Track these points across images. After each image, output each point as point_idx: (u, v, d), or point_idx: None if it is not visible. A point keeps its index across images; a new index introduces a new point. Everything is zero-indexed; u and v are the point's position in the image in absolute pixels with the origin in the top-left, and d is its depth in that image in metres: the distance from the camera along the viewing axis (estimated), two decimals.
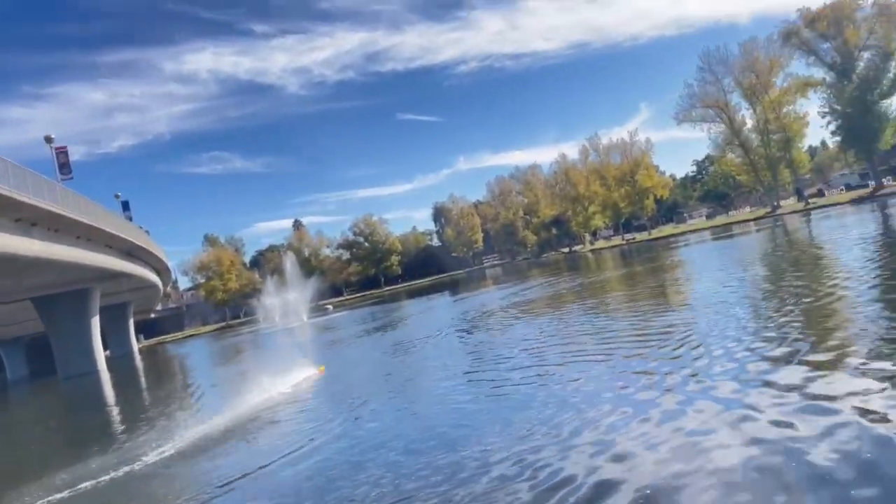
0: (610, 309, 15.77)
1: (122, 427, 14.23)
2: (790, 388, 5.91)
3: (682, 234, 68.16)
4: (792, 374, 6.34)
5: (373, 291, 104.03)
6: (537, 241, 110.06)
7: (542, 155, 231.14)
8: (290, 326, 46.59)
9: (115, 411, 19.11)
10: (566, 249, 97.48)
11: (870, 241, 19.21)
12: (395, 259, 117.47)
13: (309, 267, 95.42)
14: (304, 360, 15.25)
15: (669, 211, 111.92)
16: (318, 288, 64.76)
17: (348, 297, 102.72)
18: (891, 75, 56.85)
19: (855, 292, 10.33)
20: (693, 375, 7.18)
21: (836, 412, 5.05)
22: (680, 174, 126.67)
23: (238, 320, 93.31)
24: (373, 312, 43.43)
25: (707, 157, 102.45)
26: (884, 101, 58.09)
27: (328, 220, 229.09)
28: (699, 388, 6.65)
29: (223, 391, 17.00)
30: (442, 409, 8.66)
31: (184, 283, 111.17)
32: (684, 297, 15.62)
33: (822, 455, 4.30)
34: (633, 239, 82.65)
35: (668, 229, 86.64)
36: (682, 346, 9.01)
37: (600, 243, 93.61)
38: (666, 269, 25.60)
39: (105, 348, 44.19)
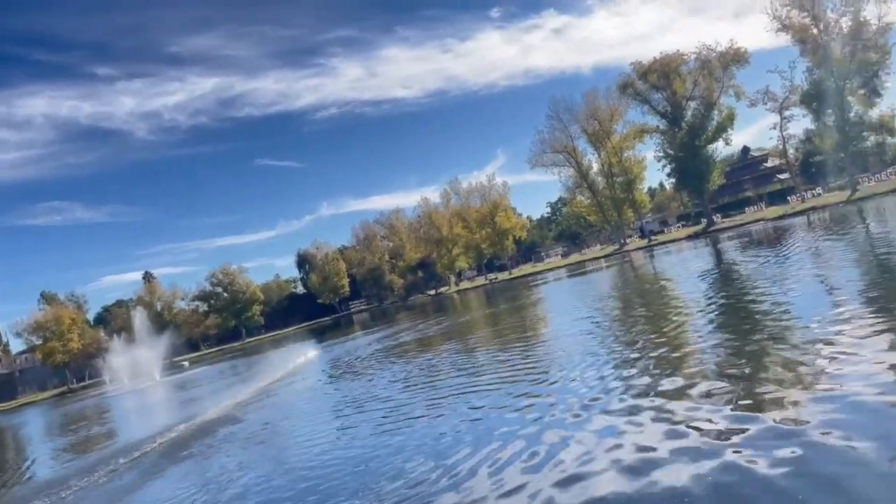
0: (477, 348, 15.89)
1: None
2: (651, 416, 6.11)
3: (541, 272, 71.09)
4: (651, 402, 6.57)
5: (233, 344, 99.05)
6: (404, 284, 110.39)
7: (406, 199, 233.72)
8: (140, 387, 43.12)
9: None
10: (433, 291, 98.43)
11: (705, 273, 20.88)
12: (256, 309, 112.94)
13: (162, 321, 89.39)
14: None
15: (528, 250, 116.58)
16: (172, 344, 60.76)
17: (206, 351, 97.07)
18: (714, 123, 63.17)
19: (697, 320, 11.06)
20: (562, 407, 7.26)
21: (686, 435, 5.26)
22: (536, 215, 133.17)
23: (82, 383, 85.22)
24: (234, 366, 41.26)
25: (560, 198, 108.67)
26: (709, 145, 64.34)
27: (184, 270, 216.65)
28: (570, 420, 6.71)
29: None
30: (317, 461, 8.17)
31: (17, 345, 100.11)
32: (547, 332, 16.08)
33: (682, 477, 4.43)
34: (496, 279, 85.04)
35: (527, 268, 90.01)
36: (548, 380, 9.16)
37: (465, 284, 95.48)
38: (528, 306, 26.39)
39: None
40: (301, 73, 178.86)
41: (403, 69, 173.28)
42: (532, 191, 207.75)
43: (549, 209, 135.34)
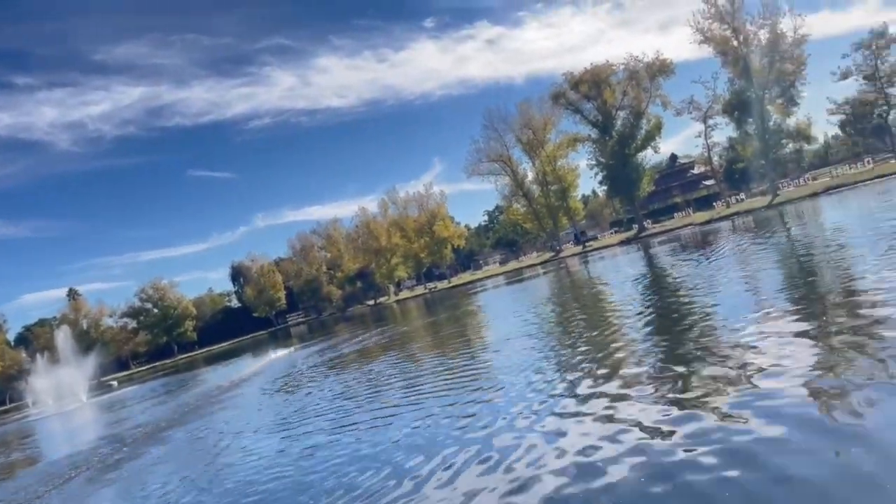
0: (420, 358, 15.76)
1: None
2: (594, 417, 6.15)
3: (480, 280, 71.57)
4: (594, 404, 6.61)
5: (165, 362, 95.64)
6: (343, 295, 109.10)
7: (343, 209, 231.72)
8: (66, 409, 41.05)
9: None
10: (372, 302, 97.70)
11: (639, 278, 21.39)
12: (189, 324, 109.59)
13: (88, 340, 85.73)
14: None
15: (466, 259, 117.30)
16: (99, 363, 58.17)
17: (137, 369, 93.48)
18: (643, 131, 65.17)
19: (632, 324, 11.25)
20: (510, 412, 7.21)
21: (628, 433, 5.30)
22: (474, 224, 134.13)
23: (3, 407, 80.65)
24: (166, 384, 39.78)
25: (496, 207, 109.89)
26: (639, 153, 66.36)
27: (111, 286, 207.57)
28: (519, 424, 6.66)
29: None
30: (259, 476, 7.85)
31: None
32: (489, 339, 16.10)
33: (628, 473, 4.45)
34: (435, 287, 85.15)
35: (466, 276, 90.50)
36: (493, 386, 9.10)
37: (405, 293, 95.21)
38: (469, 314, 26.45)
39: None
40: (233, 81, 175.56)
41: (338, 78, 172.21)
42: (469, 199, 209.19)
43: (486, 217, 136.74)
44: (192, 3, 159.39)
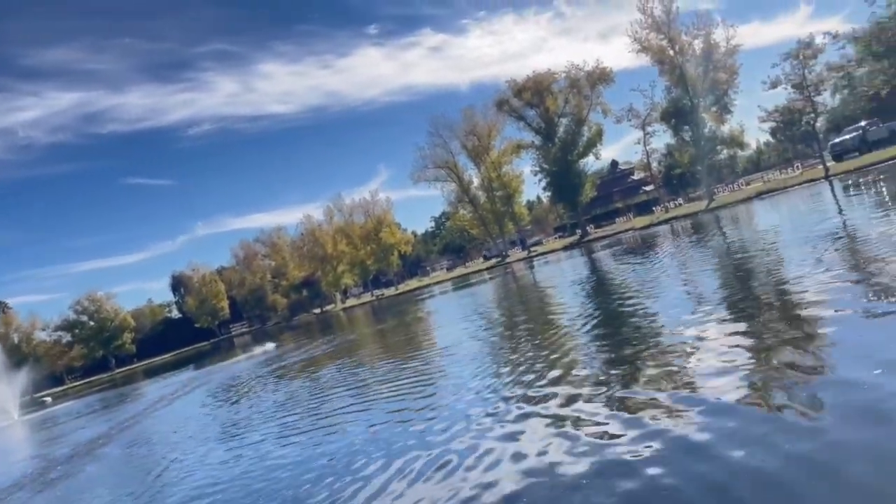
0: (369, 365, 15.61)
1: None
2: (545, 422, 6.18)
3: (427, 286, 71.61)
4: (543, 408, 6.65)
5: (101, 376, 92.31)
6: (288, 303, 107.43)
7: (288, 216, 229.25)
8: None
9: None
10: (318, 310, 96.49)
11: (582, 281, 21.78)
12: (127, 337, 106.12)
13: (20, 355, 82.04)
14: None
15: (414, 265, 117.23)
16: (32, 378, 55.75)
17: (72, 384, 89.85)
18: (584, 138, 66.47)
19: (577, 327, 11.43)
20: (462, 418, 7.20)
21: (577, 437, 5.37)
22: (420, 230, 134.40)
23: None
24: (103, 398, 38.36)
25: (443, 213, 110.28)
26: (581, 160, 67.61)
27: (45, 298, 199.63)
28: (472, 429, 6.66)
29: None
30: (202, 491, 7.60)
31: None
32: (438, 346, 16.09)
33: (579, 475, 4.50)
34: (383, 295, 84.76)
35: (413, 283, 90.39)
36: (443, 391, 9.10)
37: (351, 301, 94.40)
38: (417, 321, 26.39)
39: None
40: (172, 87, 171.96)
41: (281, 84, 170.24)
42: (416, 205, 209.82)
43: (433, 223, 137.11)
44: (129, 7, 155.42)
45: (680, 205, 64.89)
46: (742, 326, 7.73)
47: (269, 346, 35.41)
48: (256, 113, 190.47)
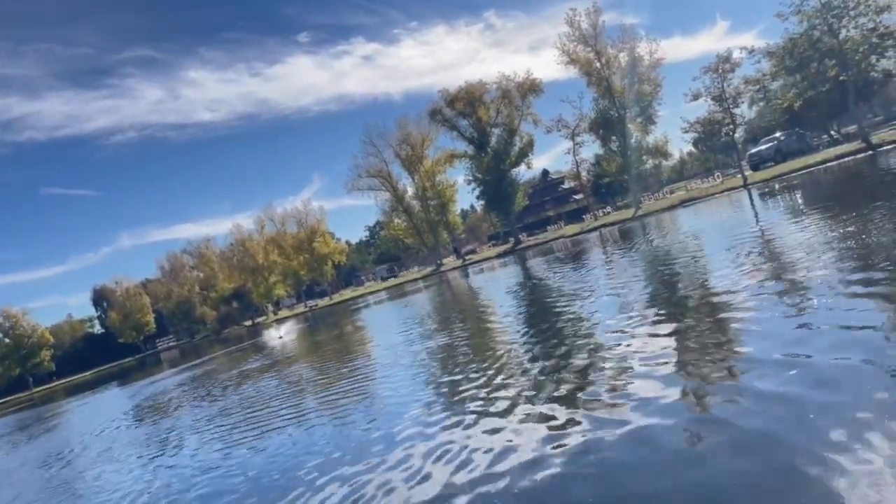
0: (303, 377, 15.31)
1: None
2: (488, 427, 6.18)
3: (362, 296, 71.02)
4: (484, 410, 6.66)
5: (19, 395, 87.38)
6: (217, 316, 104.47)
7: (217, 227, 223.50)
8: None
9: None
10: (249, 322, 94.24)
11: (516, 288, 22.03)
12: (46, 354, 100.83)
13: None
14: None
15: (348, 275, 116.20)
16: None
17: None
18: (516, 148, 67.64)
19: (512, 332, 11.54)
20: (403, 426, 7.13)
21: (519, 440, 5.40)
22: (355, 239, 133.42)
23: None
24: (21, 419, 36.30)
25: (378, 222, 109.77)
26: (513, 169, 68.73)
27: None
28: (415, 438, 6.60)
29: None
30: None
31: None
32: (373, 354, 15.94)
33: (524, 477, 4.54)
34: (316, 305, 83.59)
35: (348, 293, 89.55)
36: (383, 401, 8.99)
37: (284, 312, 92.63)
38: (351, 332, 26.08)
39: None
40: (92, 94, 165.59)
41: (209, 92, 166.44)
42: (350, 215, 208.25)
43: (367, 233, 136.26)
44: (45, 11, 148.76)
45: (609, 213, 66.66)
46: (669, 328, 7.98)
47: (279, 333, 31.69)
48: (183, 121, 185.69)
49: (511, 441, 5.58)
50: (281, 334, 12.32)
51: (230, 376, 21.31)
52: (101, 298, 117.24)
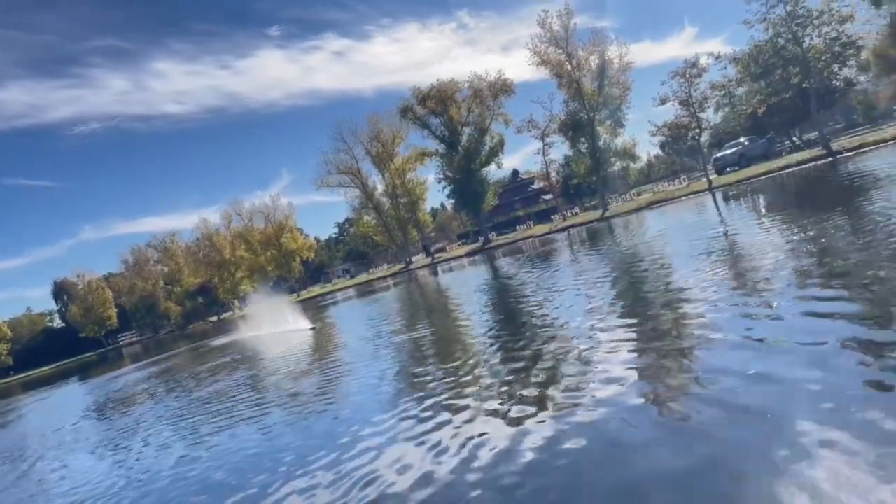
0: (268, 374, 15.20)
1: None
2: (453, 423, 6.21)
3: (330, 293, 70.62)
4: (449, 410, 6.70)
5: None
6: (182, 311, 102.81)
7: (183, 221, 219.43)
8: None
9: None
10: (215, 318, 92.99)
11: (484, 287, 22.16)
12: (3, 348, 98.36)
13: None
14: None
15: (317, 272, 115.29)
16: None
17: None
18: (487, 147, 67.83)
19: (478, 331, 11.64)
20: (368, 425, 7.12)
21: (483, 440, 5.46)
22: (324, 236, 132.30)
23: None
24: None
25: (347, 219, 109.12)
26: (483, 168, 68.92)
27: None
28: (379, 437, 6.60)
29: None
30: None
31: None
32: (338, 353, 15.89)
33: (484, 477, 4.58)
34: None
35: (316, 290, 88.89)
36: (346, 399, 8.98)
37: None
38: (318, 329, 25.89)
39: None
40: (56, 83, 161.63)
41: (176, 84, 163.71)
42: (319, 211, 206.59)
43: (336, 230, 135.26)
44: None
45: (577, 213, 67.31)
46: (634, 325, 8.15)
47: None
48: (149, 112, 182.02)
49: (475, 436, 5.64)
50: (313, 325, 11.94)
51: (196, 371, 21.06)
52: (61, 292, 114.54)
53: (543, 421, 5.53)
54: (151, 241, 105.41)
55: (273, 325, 27.64)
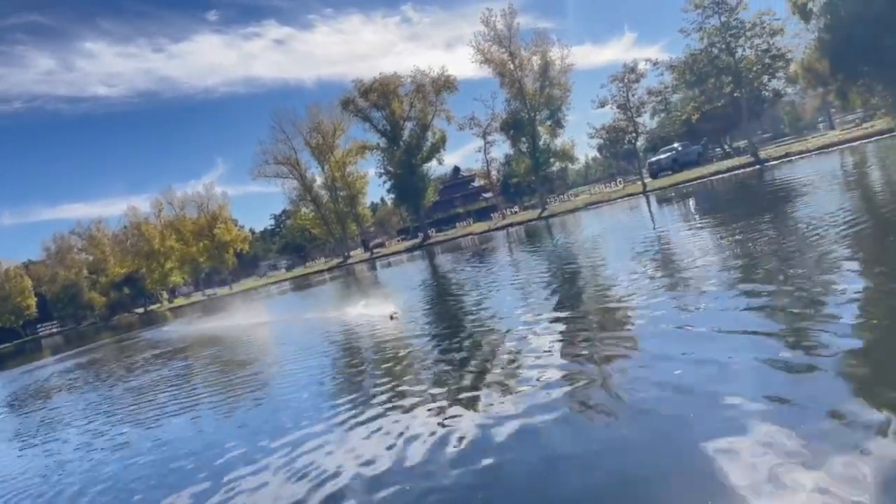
0: (194, 370, 14.67)
1: None
2: (390, 419, 6.08)
3: (265, 285, 69.26)
4: (385, 407, 6.55)
5: None
6: (107, 302, 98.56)
7: (110, 208, 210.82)
8: None
9: None
10: (142, 310, 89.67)
11: (422, 283, 22.09)
12: None
13: None
14: None
15: (251, 264, 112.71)
16: None
17: None
18: (428, 143, 67.66)
19: (413, 327, 11.52)
20: (303, 425, 6.89)
21: (418, 438, 5.36)
22: (259, 228, 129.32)
23: None
24: None
25: (284, 211, 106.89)
26: (424, 164, 68.72)
27: None
28: (309, 438, 6.39)
29: None
30: None
31: None
32: (269, 348, 15.52)
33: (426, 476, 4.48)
34: (215, 294, 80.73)
35: (250, 282, 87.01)
36: (280, 396, 8.71)
37: (180, 300, 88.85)
38: (249, 325, 25.23)
39: None
40: None
41: (107, 65, 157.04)
42: (255, 202, 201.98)
43: (273, 221, 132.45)
44: None
45: (516, 212, 68.05)
46: (568, 319, 8.22)
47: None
48: (77, 94, 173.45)
49: (407, 433, 5.55)
50: (395, 311, 11.34)
51: (120, 365, 20.24)
52: None
53: (474, 417, 5.47)
54: (76, 229, 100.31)
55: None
